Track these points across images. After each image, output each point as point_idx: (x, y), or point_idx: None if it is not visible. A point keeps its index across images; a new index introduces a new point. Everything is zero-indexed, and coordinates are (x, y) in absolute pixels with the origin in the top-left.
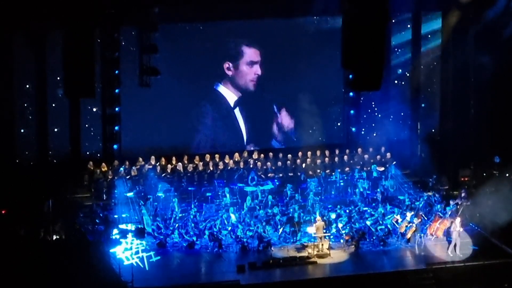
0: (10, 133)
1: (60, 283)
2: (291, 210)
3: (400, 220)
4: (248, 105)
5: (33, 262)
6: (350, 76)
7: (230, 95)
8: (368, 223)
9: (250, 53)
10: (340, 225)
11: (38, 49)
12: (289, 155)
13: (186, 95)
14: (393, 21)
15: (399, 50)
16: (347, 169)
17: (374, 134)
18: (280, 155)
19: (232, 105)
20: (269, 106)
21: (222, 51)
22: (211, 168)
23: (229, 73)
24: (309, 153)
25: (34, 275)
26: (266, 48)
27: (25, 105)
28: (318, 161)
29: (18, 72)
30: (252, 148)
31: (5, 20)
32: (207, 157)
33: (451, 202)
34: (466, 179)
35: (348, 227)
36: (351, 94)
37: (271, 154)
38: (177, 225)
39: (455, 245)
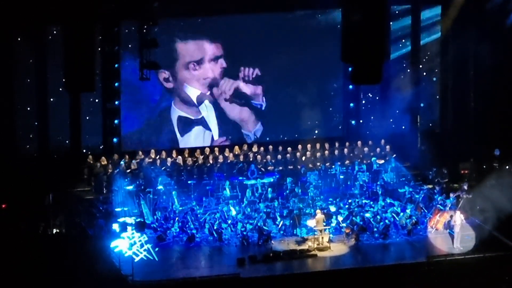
0: (10, 127)
1: (60, 277)
2: (291, 203)
3: (400, 213)
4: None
5: (34, 256)
6: (350, 69)
7: (197, 92)
8: (368, 215)
9: (212, 49)
10: (340, 218)
11: (38, 43)
12: (289, 148)
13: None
14: (393, 12)
15: (399, 43)
16: (347, 162)
17: (370, 124)
18: (280, 148)
19: (199, 102)
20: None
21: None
22: (211, 162)
23: (195, 73)
24: (309, 146)
25: (34, 269)
26: (262, 41)
27: (26, 98)
28: (318, 154)
29: (18, 66)
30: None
31: (5, 15)
32: (207, 150)
33: (451, 195)
34: (466, 172)
35: (348, 220)
36: (350, 87)
37: (270, 147)
38: (177, 218)
39: (457, 238)
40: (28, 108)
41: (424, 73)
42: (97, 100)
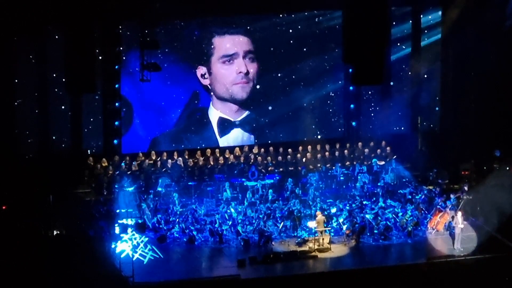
0: (11, 128)
1: (60, 278)
2: (292, 204)
3: (400, 214)
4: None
5: (34, 257)
6: (350, 70)
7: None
8: (368, 217)
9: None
10: (340, 219)
11: (39, 44)
12: (290, 150)
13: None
14: (393, 14)
15: (399, 44)
16: (347, 163)
17: (371, 125)
18: (281, 149)
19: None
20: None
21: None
22: (212, 163)
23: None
24: (309, 147)
25: (34, 270)
26: (261, 41)
27: (26, 100)
28: (319, 155)
29: (19, 66)
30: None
31: (6, 15)
32: (208, 152)
33: (452, 196)
34: (466, 172)
35: (348, 221)
36: (351, 88)
37: (271, 148)
38: (177, 220)
39: (458, 239)
40: (29, 109)
41: (425, 75)
42: (98, 102)
